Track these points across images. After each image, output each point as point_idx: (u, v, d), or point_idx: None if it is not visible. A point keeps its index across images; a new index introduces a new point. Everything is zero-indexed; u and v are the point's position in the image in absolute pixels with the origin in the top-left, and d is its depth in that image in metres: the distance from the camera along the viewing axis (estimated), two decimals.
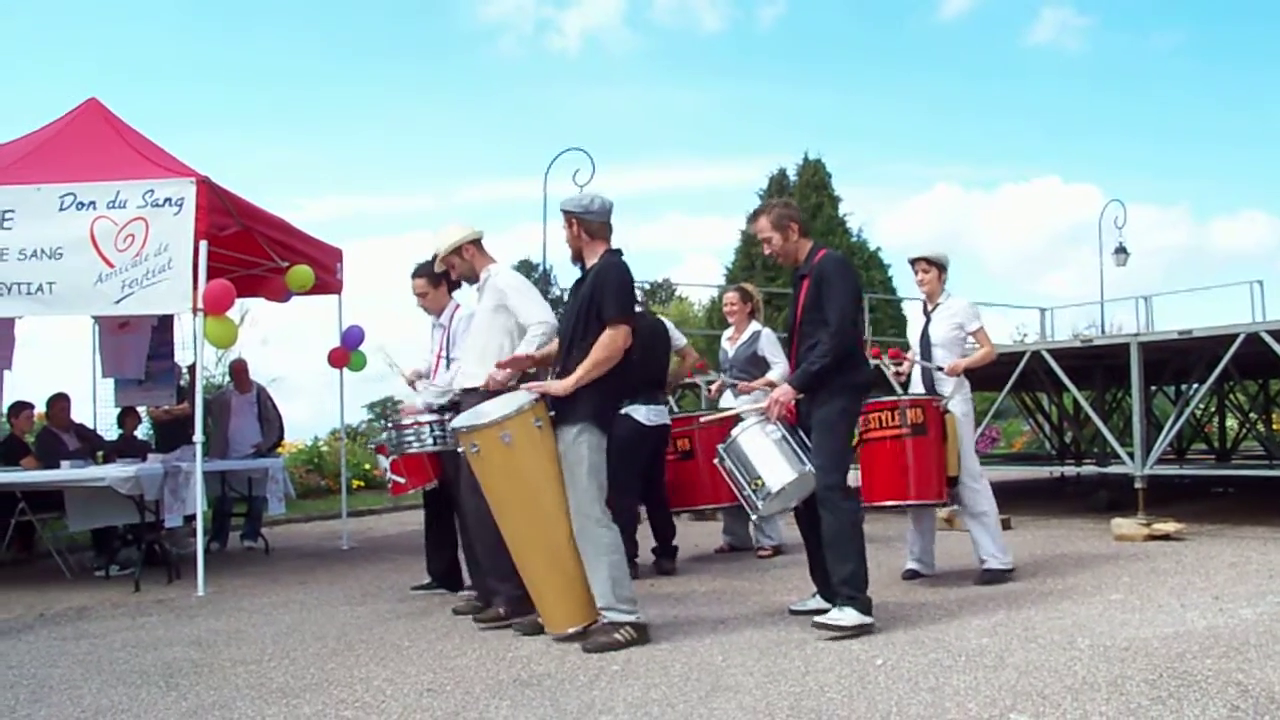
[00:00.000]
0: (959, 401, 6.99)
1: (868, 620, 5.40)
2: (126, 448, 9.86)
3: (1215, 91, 60.00)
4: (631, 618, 5.34)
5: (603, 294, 5.35)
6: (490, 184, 65.78)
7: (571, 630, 5.43)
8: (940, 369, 7.01)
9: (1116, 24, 61.39)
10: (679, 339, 8.21)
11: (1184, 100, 61.39)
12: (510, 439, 5.30)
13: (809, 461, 5.54)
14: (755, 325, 8.54)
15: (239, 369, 11.44)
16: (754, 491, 5.65)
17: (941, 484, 6.72)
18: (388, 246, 58.98)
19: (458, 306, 7.08)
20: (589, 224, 5.56)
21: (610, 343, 5.29)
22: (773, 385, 8.96)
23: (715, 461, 5.93)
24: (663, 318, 8.29)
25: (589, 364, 5.29)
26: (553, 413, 5.43)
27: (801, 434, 5.67)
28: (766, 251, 5.92)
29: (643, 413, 7.51)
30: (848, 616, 5.36)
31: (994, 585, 6.78)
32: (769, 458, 5.63)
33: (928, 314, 7.25)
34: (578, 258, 5.65)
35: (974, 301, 7.34)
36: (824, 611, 5.56)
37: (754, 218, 5.92)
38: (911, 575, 7.16)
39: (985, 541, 6.97)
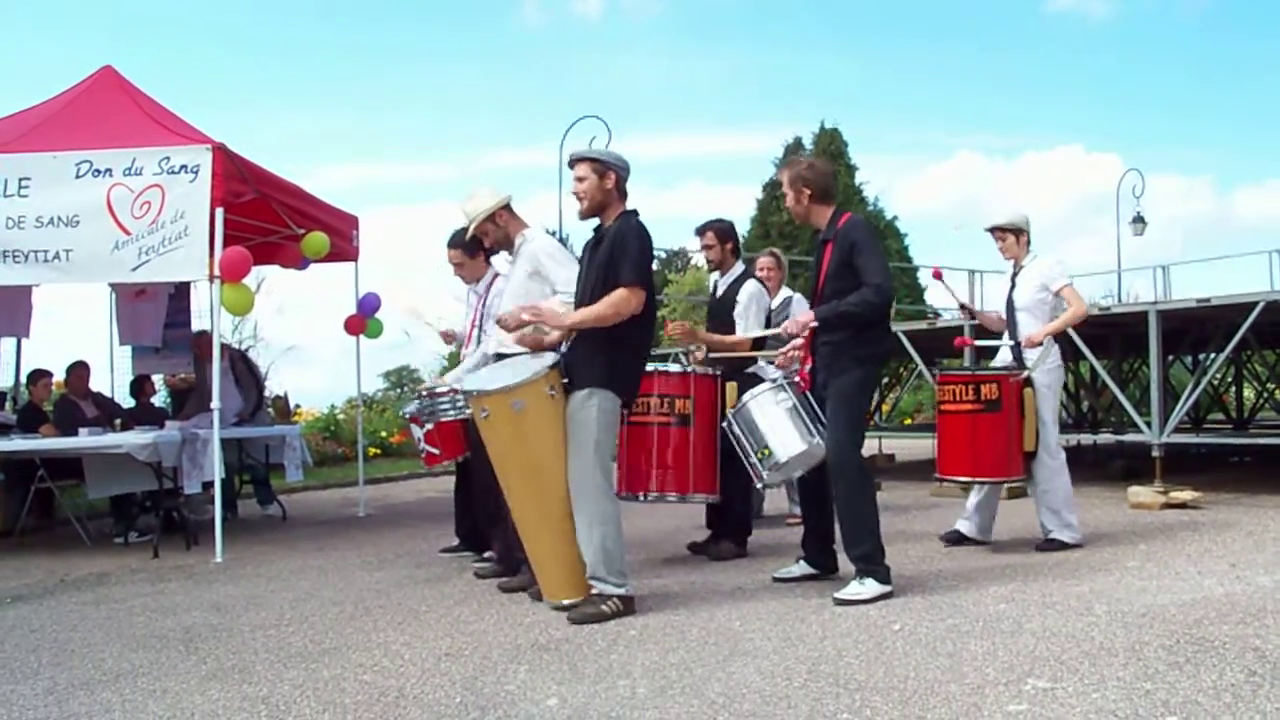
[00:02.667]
0: (1043, 371, 6.79)
1: (888, 589, 5.42)
2: (143, 415, 9.89)
3: (1241, 59, 59.26)
4: (621, 590, 5.25)
5: (623, 255, 5.19)
6: (510, 152, 65.51)
7: (568, 601, 5.34)
8: (1016, 344, 6.88)
9: None
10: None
11: (1209, 68, 60.66)
12: (522, 406, 5.17)
13: (818, 434, 5.55)
14: (787, 290, 8.40)
15: (197, 341, 10.97)
16: (760, 460, 5.66)
17: (1015, 461, 6.64)
18: (406, 214, 58.94)
19: (496, 275, 6.93)
20: (623, 180, 5.42)
21: (620, 300, 5.13)
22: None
23: (723, 425, 5.95)
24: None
25: (590, 311, 5.16)
26: (566, 380, 5.30)
27: (814, 403, 5.65)
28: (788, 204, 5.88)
29: (771, 371, 6.99)
30: (868, 588, 5.38)
31: (1046, 553, 6.70)
32: (778, 427, 5.65)
33: (1013, 279, 7.06)
34: (597, 212, 5.41)
35: (1059, 260, 7.13)
36: (812, 578, 5.81)
37: (781, 170, 5.92)
38: (956, 539, 7.09)
39: (1048, 518, 6.86)
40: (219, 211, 7.84)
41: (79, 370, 10.12)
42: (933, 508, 9.29)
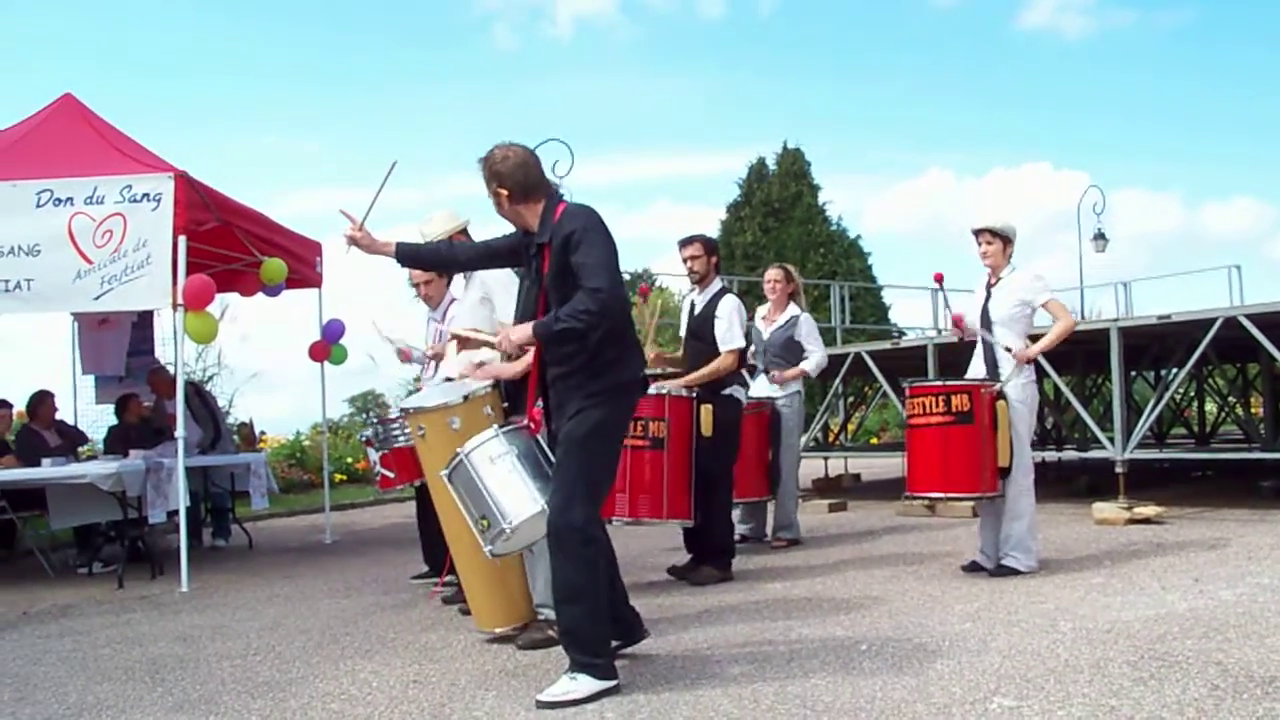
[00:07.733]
0: (1016, 386, 6.56)
1: (605, 685, 4.22)
2: (136, 437, 9.63)
3: (1214, 75, 59.30)
4: None
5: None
6: (479, 175, 65.09)
7: (499, 631, 5.30)
8: (1007, 349, 6.55)
9: (1121, 1, 60.30)
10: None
11: (1181, 84, 60.80)
12: (458, 425, 5.07)
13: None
14: (794, 309, 8.29)
15: (153, 377, 10.79)
16: (481, 532, 4.45)
17: (991, 475, 6.41)
18: None
19: (453, 300, 6.82)
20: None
21: None
22: (806, 375, 8.44)
23: (442, 475, 4.66)
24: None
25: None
26: (506, 404, 5.23)
27: (547, 448, 4.55)
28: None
29: (742, 393, 7.03)
30: (581, 685, 4.18)
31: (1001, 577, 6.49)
32: (506, 486, 4.42)
33: (989, 289, 6.76)
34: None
35: (1038, 275, 6.82)
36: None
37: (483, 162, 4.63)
38: (973, 568, 6.73)
39: (1011, 540, 6.56)
40: (181, 239, 7.81)
41: (45, 400, 10.02)
42: (898, 528, 9.32)
